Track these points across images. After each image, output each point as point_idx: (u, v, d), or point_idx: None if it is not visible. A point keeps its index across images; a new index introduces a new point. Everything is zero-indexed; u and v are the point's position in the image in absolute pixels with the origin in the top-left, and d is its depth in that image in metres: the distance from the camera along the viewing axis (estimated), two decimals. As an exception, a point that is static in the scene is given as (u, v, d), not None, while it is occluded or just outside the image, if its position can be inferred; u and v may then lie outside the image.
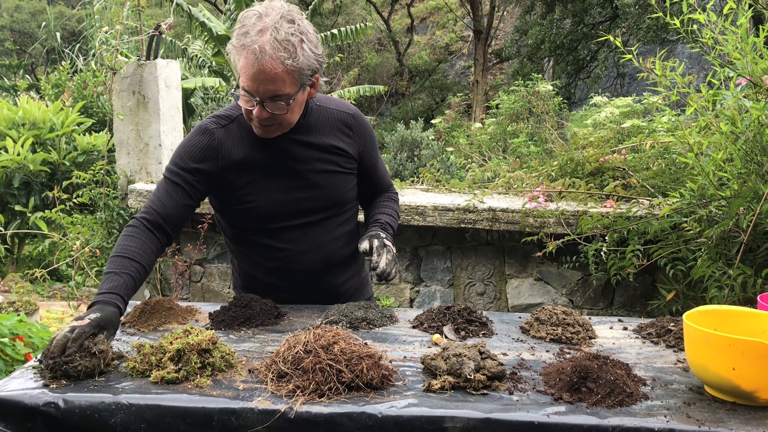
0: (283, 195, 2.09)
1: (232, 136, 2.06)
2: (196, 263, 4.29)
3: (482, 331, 1.88)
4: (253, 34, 1.84)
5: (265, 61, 1.83)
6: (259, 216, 2.11)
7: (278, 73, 1.85)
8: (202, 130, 2.07)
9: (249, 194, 2.08)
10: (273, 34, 1.84)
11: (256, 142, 2.06)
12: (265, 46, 1.82)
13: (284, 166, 2.09)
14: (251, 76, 1.86)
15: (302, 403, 1.39)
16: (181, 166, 2.04)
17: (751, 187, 2.56)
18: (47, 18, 20.40)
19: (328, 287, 2.22)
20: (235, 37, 1.88)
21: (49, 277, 4.80)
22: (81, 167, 6.15)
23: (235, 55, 1.88)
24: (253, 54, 1.83)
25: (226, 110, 2.12)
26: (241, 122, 2.08)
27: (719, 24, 2.60)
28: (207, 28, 9.81)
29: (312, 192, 2.12)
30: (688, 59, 13.42)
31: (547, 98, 6.59)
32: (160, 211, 1.99)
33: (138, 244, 1.90)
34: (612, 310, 3.66)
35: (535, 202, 3.44)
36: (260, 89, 1.88)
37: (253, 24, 1.86)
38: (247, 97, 1.92)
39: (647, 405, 1.42)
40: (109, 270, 1.82)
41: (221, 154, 2.04)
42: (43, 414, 1.40)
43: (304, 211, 2.13)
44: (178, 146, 2.10)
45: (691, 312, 1.58)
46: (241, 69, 1.88)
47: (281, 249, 2.14)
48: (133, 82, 4.22)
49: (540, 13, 16.29)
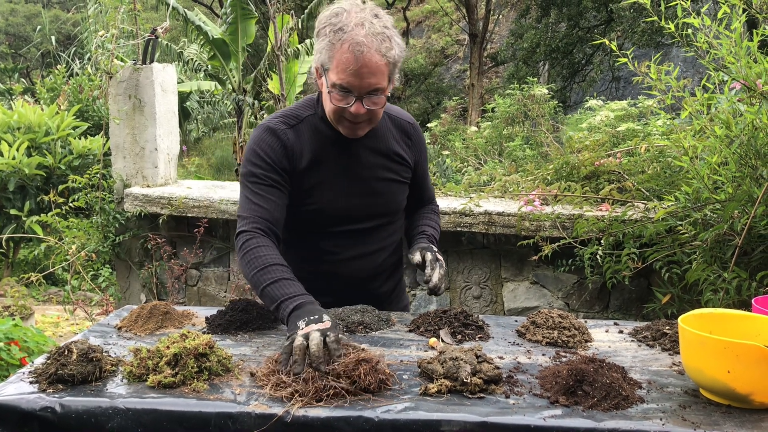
0: (343, 200, 2.07)
1: (301, 137, 2.03)
2: (192, 267, 4.29)
3: (478, 334, 1.89)
4: (349, 29, 1.82)
5: (368, 54, 1.81)
6: (316, 219, 2.08)
7: (380, 65, 1.84)
8: (272, 130, 2.03)
9: (311, 196, 2.05)
10: (370, 27, 1.82)
11: (324, 144, 2.04)
12: (366, 39, 1.81)
13: (350, 170, 2.07)
14: (354, 71, 1.82)
15: (299, 407, 1.39)
16: (265, 167, 1.99)
17: (745, 191, 2.57)
18: (42, 22, 20.37)
19: (371, 294, 2.19)
20: (328, 35, 1.85)
21: (44, 281, 4.80)
22: (77, 171, 6.14)
23: (329, 52, 1.85)
24: (355, 47, 1.80)
25: (291, 110, 2.09)
26: (310, 122, 2.05)
27: (713, 28, 2.62)
28: (203, 32, 9.81)
29: (371, 199, 2.10)
30: (683, 63, 13.48)
31: (542, 102, 6.60)
32: (266, 216, 1.94)
33: (274, 252, 1.87)
34: (608, 314, 3.66)
35: (530, 206, 3.45)
36: (363, 83, 1.85)
37: (345, 20, 1.83)
38: (342, 95, 1.88)
39: (643, 408, 1.42)
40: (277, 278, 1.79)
41: (295, 155, 2.02)
42: (39, 418, 1.40)
43: (360, 218, 2.11)
44: (251, 149, 2.03)
45: (686, 315, 1.58)
46: (337, 66, 1.84)
47: (332, 252, 2.11)
48: (129, 86, 4.21)
49: (535, 17, 16.33)
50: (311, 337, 1.53)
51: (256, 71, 10.35)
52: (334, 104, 1.91)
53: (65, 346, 1.57)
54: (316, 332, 1.54)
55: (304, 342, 1.53)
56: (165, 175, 4.40)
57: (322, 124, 2.05)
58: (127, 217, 4.26)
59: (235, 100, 10.63)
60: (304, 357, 1.51)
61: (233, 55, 10.16)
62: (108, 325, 1.97)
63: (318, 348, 1.50)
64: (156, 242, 4.13)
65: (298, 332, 1.57)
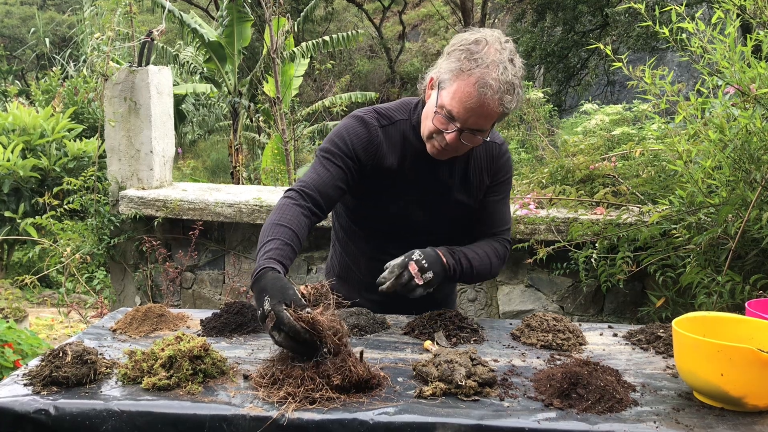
0: (413, 211, 2.07)
1: (390, 140, 2.03)
2: (187, 270, 4.29)
3: (473, 337, 1.89)
4: (483, 64, 1.78)
5: (488, 98, 1.78)
6: (383, 221, 2.09)
7: (495, 112, 1.82)
8: (365, 122, 2.03)
9: (384, 199, 2.06)
10: (502, 73, 1.78)
11: (407, 153, 2.03)
12: (493, 83, 1.77)
13: (425, 184, 2.06)
14: (468, 107, 1.80)
15: (294, 409, 1.39)
16: (343, 149, 1.99)
17: (739, 195, 2.58)
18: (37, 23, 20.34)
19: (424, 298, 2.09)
20: (460, 60, 1.81)
21: (38, 283, 4.79)
22: (72, 173, 6.13)
23: (454, 75, 1.82)
24: (479, 85, 1.77)
25: (386, 109, 2.08)
26: (399, 127, 2.05)
27: (708, 33, 2.63)
28: (199, 35, 9.81)
29: (437, 216, 2.10)
30: (678, 67, 13.52)
31: (537, 106, 6.61)
32: (320, 188, 1.95)
33: (295, 216, 1.85)
34: (602, 317, 3.67)
35: (525, 209, 3.45)
36: (469, 121, 1.83)
37: (484, 53, 1.79)
38: (446, 120, 1.86)
39: (637, 411, 1.43)
40: (276, 237, 1.77)
41: (378, 153, 2.02)
42: (33, 421, 1.40)
43: (422, 231, 2.10)
44: (338, 132, 2.03)
45: (680, 318, 1.59)
46: (455, 93, 1.82)
47: (391, 254, 2.05)
48: (125, 89, 4.21)
49: (531, 21, 16.38)
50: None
51: (252, 74, 10.36)
52: (435, 125, 1.89)
53: (60, 348, 1.57)
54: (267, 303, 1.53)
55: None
56: (160, 178, 4.39)
57: (411, 133, 2.04)
58: (122, 220, 4.25)
59: (231, 102, 10.62)
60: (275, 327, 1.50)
61: (229, 57, 10.16)
62: (103, 327, 1.97)
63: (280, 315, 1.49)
64: (151, 245, 4.12)
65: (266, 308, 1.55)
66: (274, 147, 8.48)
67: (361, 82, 21.45)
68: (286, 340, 1.51)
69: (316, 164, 2.01)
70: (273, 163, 8.33)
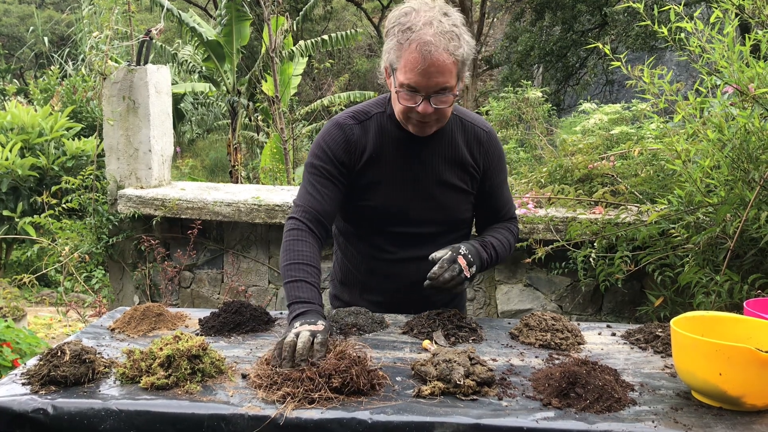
0: (402, 201, 2.08)
1: (367, 133, 2.06)
2: (185, 269, 4.28)
3: (472, 336, 1.89)
4: (417, 28, 1.83)
5: (435, 53, 1.82)
6: (374, 216, 2.10)
7: (447, 64, 1.84)
8: (339, 125, 2.06)
9: (371, 192, 2.07)
10: (438, 26, 1.83)
11: (386, 143, 2.06)
12: (434, 39, 1.82)
13: (411, 172, 2.07)
14: (421, 70, 1.83)
15: (292, 409, 1.39)
16: (325, 160, 2.03)
17: (737, 194, 2.59)
18: (36, 22, 20.32)
19: (425, 300, 2.13)
20: (396, 35, 1.87)
21: (37, 282, 4.78)
22: (70, 172, 6.13)
23: (398, 52, 1.87)
24: (422, 47, 1.82)
25: (363, 106, 2.11)
26: (377, 120, 2.07)
27: (706, 32, 2.63)
28: (197, 34, 9.80)
29: (430, 203, 2.09)
30: (677, 67, 13.53)
31: (536, 105, 6.61)
32: (318, 208, 1.99)
33: (310, 250, 1.92)
34: (601, 316, 3.67)
35: (524, 209, 3.45)
36: (430, 83, 1.85)
37: (414, 19, 1.85)
38: (409, 95, 1.89)
39: (635, 410, 1.43)
40: (299, 278, 1.86)
41: (357, 149, 2.04)
42: (31, 420, 1.40)
43: (418, 221, 2.10)
44: (317, 142, 2.08)
45: (678, 318, 1.59)
46: (405, 65, 1.86)
47: (387, 251, 2.12)
48: (123, 88, 4.20)
49: (530, 20, 16.37)
50: (301, 336, 1.60)
51: (251, 73, 10.34)
52: (402, 104, 1.92)
53: (58, 347, 1.57)
54: (307, 332, 1.61)
55: (294, 339, 1.59)
56: (159, 177, 4.39)
57: (389, 123, 2.07)
58: (120, 219, 4.25)
59: (230, 101, 10.61)
60: (292, 353, 1.56)
61: (228, 56, 10.15)
62: (101, 326, 1.97)
63: (304, 346, 1.57)
64: (149, 244, 4.12)
65: (292, 330, 1.64)
66: (273, 146, 8.48)
67: (360, 81, 21.44)
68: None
69: (306, 183, 2.05)
70: (272, 162, 8.33)
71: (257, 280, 4.22)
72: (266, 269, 4.19)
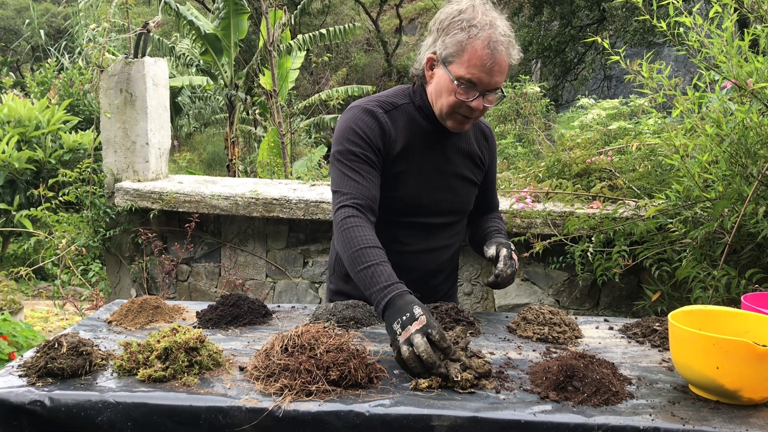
0: (424, 192, 2.08)
1: (396, 124, 2.04)
2: (183, 262, 4.28)
3: (469, 330, 1.89)
4: (481, 27, 1.84)
5: (500, 54, 1.85)
6: (394, 206, 2.07)
7: (506, 66, 1.89)
8: (371, 112, 2.01)
9: (396, 183, 2.05)
10: (501, 28, 1.87)
11: (415, 134, 2.05)
12: (501, 38, 1.85)
13: (435, 164, 2.08)
14: (487, 68, 1.85)
15: (290, 401, 1.39)
16: (364, 146, 1.98)
17: (735, 189, 2.59)
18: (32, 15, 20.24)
19: (431, 290, 2.20)
20: (457, 28, 1.86)
21: (34, 275, 4.76)
22: (67, 165, 6.10)
23: (459, 45, 1.86)
24: (492, 44, 1.84)
25: (384, 96, 2.09)
26: (405, 110, 2.06)
27: (705, 27, 2.63)
28: (195, 27, 9.77)
29: (448, 195, 2.12)
30: (675, 62, 13.53)
31: (534, 100, 6.60)
32: (367, 194, 1.95)
33: (373, 235, 1.86)
34: (598, 311, 3.68)
35: (522, 203, 3.45)
36: (491, 81, 1.88)
37: (476, 17, 1.86)
38: (466, 90, 1.89)
39: (632, 404, 1.43)
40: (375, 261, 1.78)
41: (390, 139, 2.02)
42: (28, 412, 1.40)
43: (434, 212, 2.13)
44: (348, 127, 2.01)
45: (676, 312, 1.59)
46: (470, 60, 1.85)
47: (402, 243, 2.11)
48: (121, 80, 4.19)
49: (528, 15, 16.35)
50: (415, 343, 1.52)
51: (249, 67, 10.31)
52: (457, 97, 1.91)
53: (55, 339, 1.57)
54: (417, 335, 1.53)
55: (411, 349, 1.52)
56: (156, 170, 4.38)
57: (417, 114, 2.06)
58: (117, 212, 4.24)
59: (227, 95, 10.59)
60: (422, 364, 1.51)
61: (225, 50, 10.12)
62: (98, 319, 1.96)
63: (428, 353, 1.50)
64: (147, 237, 4.11)
65: (399, 340, 1.56)
66: (271, 140, 8.47)
67: (358, 75, 21.40)
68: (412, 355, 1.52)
69: (346, 169, 1.97)
70: (269, 156, 8.31)
71: (255, 273, 4.21)
72: (263, 263, 4.19)
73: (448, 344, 1.52)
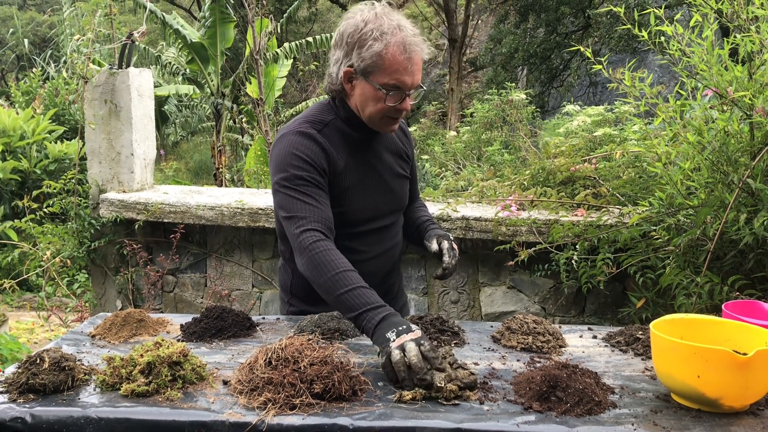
0: (370, 199, 2.13)
1: (332, 141, 2.05)
2: (168, 273, 4.26)
3: (454, 340, 1.90)
4: (391, 32, 1.91)
5: (415, 52, 1.93)
6: (346, 220, 2.08)
7: (421, 63, 1.97)
8: (307, 135, 2.01)
9: (344, 200, 2.07)
10: (409, 29, 1.94)
11: (350, 147, 2.09)
12: (412, 39, 1.93)
13: (373, 170, 2.14)
14: (408, 70, 1.93)
15: (274, 415, 1.38)
16: (310, 170, 1.97)
17: (717, 196, 2.61)
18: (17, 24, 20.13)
19: (388, 290, 2.27)
20: (372, 41, 1.90)
21: (18, 287, 4.73)
22: (52, 175, 6.08)
23: (376, 56, 1.91)
24: (404, 47, 1.91)
25: (314, 115, 2.09)
26: (335, 126, 2.08)
27: (686, 36, 2.65)
28: (181, 36, 9.76)
29: (389, 196, 2.19)
30: (659, 68, 13.64)
31: (520, 107, 6.64)
32: (324, 216, 1.94)
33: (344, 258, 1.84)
34: (584, 318, 3.69)
35: (507, 211, 3.47)
36: (414, 81, 1.96)
37: (384, 23, 1.92)
38: (394, 94, 1.95)
39: (615, 413, 1.44)
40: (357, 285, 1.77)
41: (332, 158, 2.04)
42: (10, 429, 1.39)
43: (382, 215, 2.19)
44: (290, 153, 1.99)
45: (658, 321, 1.60)
46: (389, 67, 1.91)
47: (360, 252, 2.11)
48: (105, 91, 4.18)
49: (514, 22, 16.45)
50: (407, 349, 1.55)
51: (235, 75, 10.30)
52: (387, 104, 1.96)
53: (37, 354, 1.56)
54: (411, 342, 1.56)
55: (402, 354, 1.55)
56: (141, 181, 4.36)
57: (346, 127, 2.09)
58: (102, 223, 4.22)
59: (214, 103, 10.58)
60: (409, 371, 1.53)
61: (212, 58, 10.11)
62: (81, 332, 1.95)
63: (418, 359, 1.52)
64: (132, 248, 4.09)
65: (392, 345, 1.57)
66: (258, 148, 8.45)
67: (345, 83, 21.38)
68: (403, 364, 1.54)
69: (297, 194, 1.94)
70: (256, 164, 8.29)
71: (241, 284, 4.20)
72: (250, 273, 4.17)
73: (437, 357, 1.55)
